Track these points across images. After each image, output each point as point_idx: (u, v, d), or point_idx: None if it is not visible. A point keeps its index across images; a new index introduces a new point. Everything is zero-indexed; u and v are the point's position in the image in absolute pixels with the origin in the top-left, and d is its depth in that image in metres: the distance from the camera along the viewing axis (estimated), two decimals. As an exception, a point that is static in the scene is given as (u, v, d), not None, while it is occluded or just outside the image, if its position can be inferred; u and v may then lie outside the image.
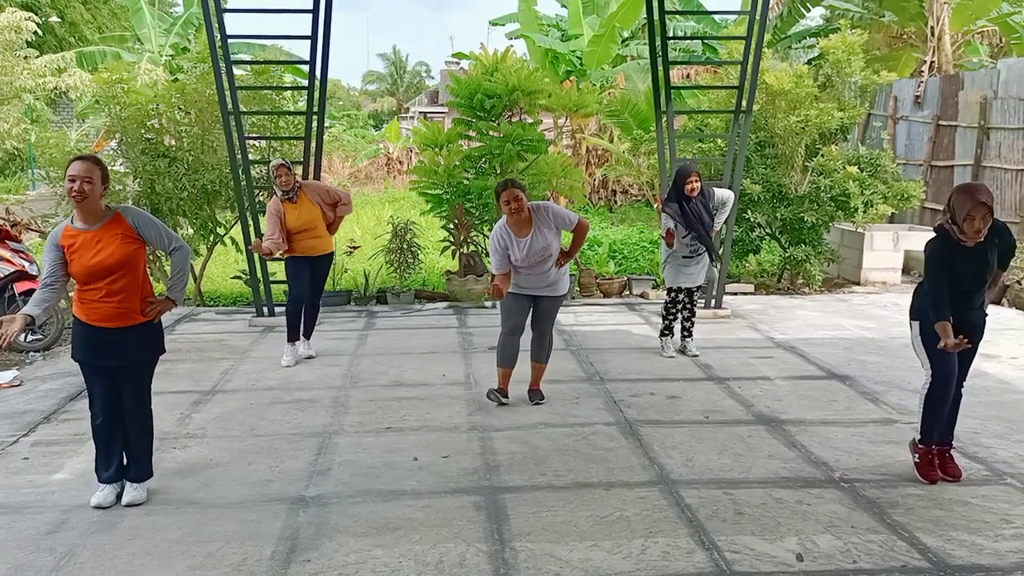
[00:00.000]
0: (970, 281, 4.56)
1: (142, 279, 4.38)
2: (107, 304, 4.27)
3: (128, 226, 4.29)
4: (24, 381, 7.01)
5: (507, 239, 5.80)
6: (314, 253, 7.29)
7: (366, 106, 57.70)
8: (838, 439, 5.42)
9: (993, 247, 4.53)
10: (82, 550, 3.97)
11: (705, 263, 7.42)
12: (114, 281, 4.25)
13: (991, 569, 3.76)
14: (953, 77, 13.12)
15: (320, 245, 7.32)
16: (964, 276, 4.53)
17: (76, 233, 4.23)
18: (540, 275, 5.92)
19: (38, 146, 10.35)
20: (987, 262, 4.55)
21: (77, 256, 4.21)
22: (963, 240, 4.46)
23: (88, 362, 4.40)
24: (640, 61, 18.91)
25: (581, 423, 5.76)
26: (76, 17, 28.70)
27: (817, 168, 10.50)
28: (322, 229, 7.30)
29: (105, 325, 4.30)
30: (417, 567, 3.79)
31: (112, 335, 4.32)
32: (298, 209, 7.13)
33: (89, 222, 4.24)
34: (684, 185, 7.10)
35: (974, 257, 4.50)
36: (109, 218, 4.27)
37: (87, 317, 4.32)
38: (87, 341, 4.35)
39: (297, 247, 7.20)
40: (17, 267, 8.08)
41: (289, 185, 7.10)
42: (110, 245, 4.22)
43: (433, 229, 12.61)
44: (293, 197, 7.13)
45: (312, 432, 5.60)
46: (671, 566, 3.79)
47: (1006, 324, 8.82)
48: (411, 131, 27.09)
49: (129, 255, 4.27)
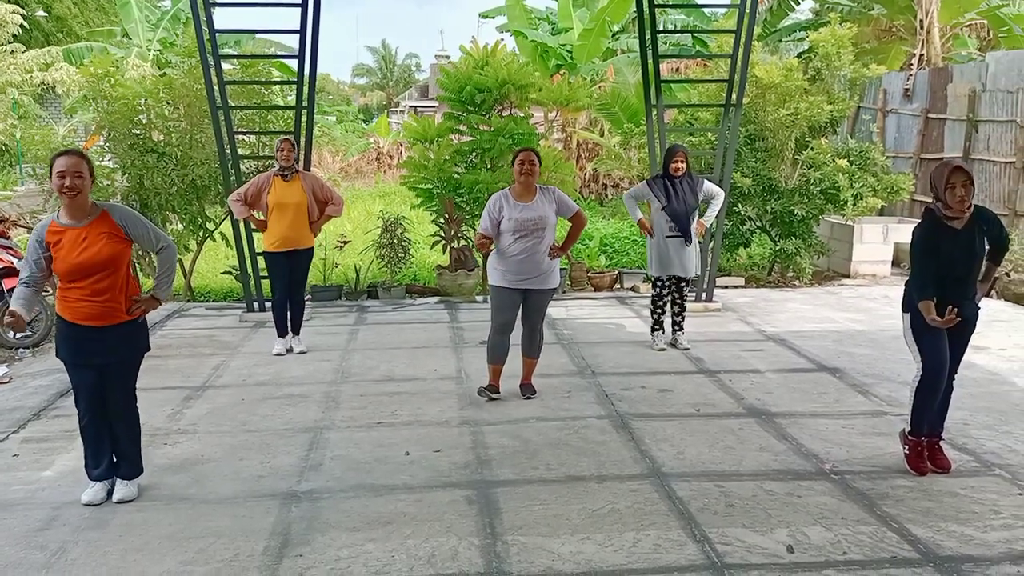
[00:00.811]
0: (960, 267, 4.55)
1: (126, 277, 4.32)
2: (91, 302, 4.21)
3: (115, 224, 4.23)
4: (13, 378, 6.97)
5: (503, 204, 5.86)
6: (290, 247, 7.20)
7: (356, 100, 57.52)
8: (828, 431, 5.45)
9: (981, 232, 4.55)
10: (73, 547, 3.96)
11: (691, 253, 7.35)
12: (99, 280, 4.19)
13: (980, 559, 3.79)
14: (942, 70, 13.17)
15: (299, 239, 7.23)
16: (953, 262, 4.53)
17: (62, 229, 4.16)
18: (532, 260, 5.82)
19: (25, 142, 10.27)
20: (975, 247, 4.55)
21: (62, 253, 4.14)
22: (949, 217, 4.49)
23: (72, 361, 4.34)
24: (630, 55, 18.92)
25: (572, 417, 5.77)
26: (63, 12, 28.50)
27: (807, 161, 10.53)
28: (303, 222, 7.21)
29: (89, 324, 4.24)
30: (409, 561, 3.80)
31: (96, 333, 4.26)
32: (287, 188, 7.12)
33: (76, 218, 4.18)
34: (669, 164, 7.20)
35: (962, 240, 4.51)
36: (96, 216, 4.21)
37: (71, 316, 4.25)
38: (71, 339, 4.29)
39: (274, 233, 7.13)
40: (5, 263, 8.03)
41: (289, 163, 7.11)
42: (96, 243, 4.16)
43: (424, 224, 12.59)
44: (287, 176, 7.14)
45: (303, 427, 5.59)
46: (662, 558, 3.81)
47: (995, 316, 8.87)
48: (401, 125, 27.03)
49: (115, 254, 4.21)
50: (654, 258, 7.39)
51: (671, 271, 7.34)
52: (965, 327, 4.65)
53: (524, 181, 5.81)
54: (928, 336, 4.63)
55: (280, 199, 7.10)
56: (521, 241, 5.80)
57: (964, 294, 4.61)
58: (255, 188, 7.19)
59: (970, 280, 4.64)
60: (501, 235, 5.89)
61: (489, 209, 5.91)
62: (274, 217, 7.13)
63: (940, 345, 4.61)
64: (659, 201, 7.22)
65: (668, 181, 7.23)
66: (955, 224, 4.50)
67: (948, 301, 4.49)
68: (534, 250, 5.83)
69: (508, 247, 5.85)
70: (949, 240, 4.51)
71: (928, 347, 4.65)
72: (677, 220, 7.19)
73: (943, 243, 4.51)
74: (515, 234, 5.80)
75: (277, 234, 7.15)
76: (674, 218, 7.19)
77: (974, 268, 4.63)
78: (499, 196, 5.94)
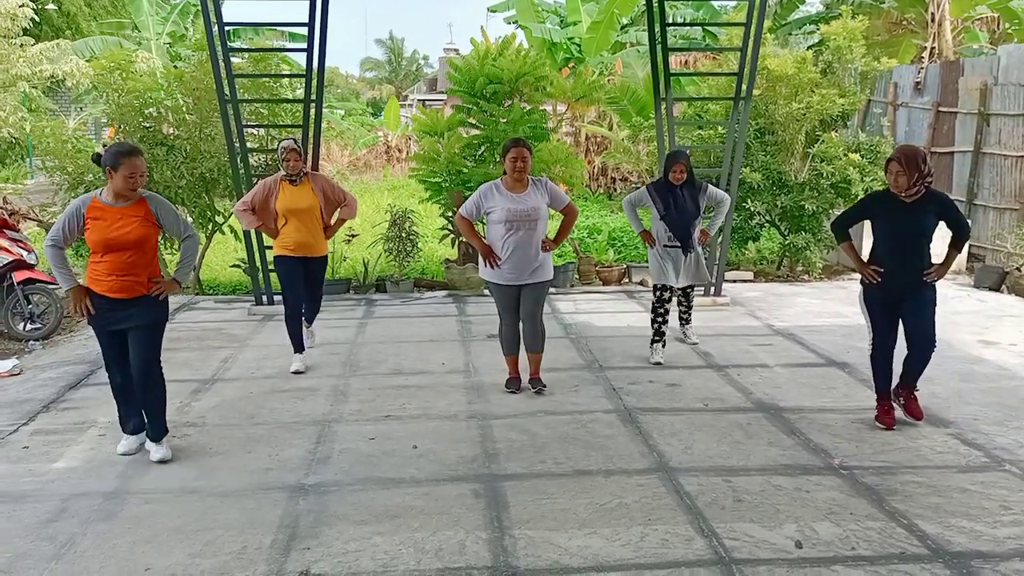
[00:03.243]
0: (908, 241, 5.10)
1: (151, 258, 4.82)
2: (118, 277, 4.69)
3: (149, 211, 4.74)
4: (24, 370, 7.01)
5: (495, 194, 5.86)
6: (305, 253, 6.72)
7: (365, 94, 57.53)
8: (837, 426, 5.43)
9: (932, 213, 5.08)
10: (82, 538, 3.98)
11: (690, 264, 6.97)
12: (128, 257, 4.67)
13: (989, 555, 3.77)
14: (953, 63, 13.07)
15: (314, 245, 6.76)
16: (901, 233, 5.11)
17: (103, 207, 4.67)
18: (525, 255, 5.82)
19: (35, 135, 10.31)
20: (922, 223, 5.08)
21: (99, 226, 4.63)
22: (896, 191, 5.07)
23: (101, 329, 4.84)
24: (639, 48, 18.85)
25: (580, 411, 5.76)
26: (74, 9, 28.54)
27: (818, 155, 10.47)
28: (316, 228, 6.74)
29: (115, 296, 4.71)
30: (417, 554, 3.80)
31: (121, 305, 4.74)
32: (297, 192, 6.67)
33: (119, 201, 4.69)
34: (669, 172, 6.85)
35: (909, 212, 5.06)
36: (135, 200, 4.72)
37: (100, 288, 4.73)
38: (99, 310, 4.76)
39: (287, 240, 6.67)
40: (16, 256, 8.06)
41: (296, 171, 6.64)
42: (130, 224, 4.65)
43: (432, 217, 12.60)
44: (296, 180, 6.67)
45: (311, 420, 5.60)
46: (670, 553, 3.80)
47: (1005, 311, 8.83)
48: (410, 118, 26.99)
49: (144, 235, 4.71)
50: (654, 266, 7.11)
51: (668, 281, 7.00)
52: (921, 303, 5.16)
53: (517, 176, 5.81)
54: (876, 309, 5.29)
55: (290, 205, 6.61)
56: (513, 234, 5.80)
57: (912, 268, 5.12)
58: (262, 194, 6.68)
59: (916, 257, 5.12)
60: (492, 226, 5.89)
61: (478, 197, 5.92)
62: (287, 223, 6.68)
63: (889, 320, 5.26)
64: (657, 209, 6.90)
65: (668, 188, 6.87)
66: (905, 198, 5.06)
67: (898, 274, 5.12)
68: (527, 244, 5.82)
69: (501, 242, 5.84)
70: (898, 211, 5.09)
71: (876, 319, 5.30)
72: (675, 230, 6.85)
73: (891, 212, 5.12)
74: (507, 225, 5.79)
75: (290, 239, 6.68)
76: (672, 227, 6.85)
77: (922, 244, 5.12)
78: (490, 186, 5.93)
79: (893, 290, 5.17)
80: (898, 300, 5.19)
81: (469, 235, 6.07)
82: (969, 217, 11.73)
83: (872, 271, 5.19)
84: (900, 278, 5.13)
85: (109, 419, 5.57)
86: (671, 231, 6.87)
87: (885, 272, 5.16)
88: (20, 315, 8.05)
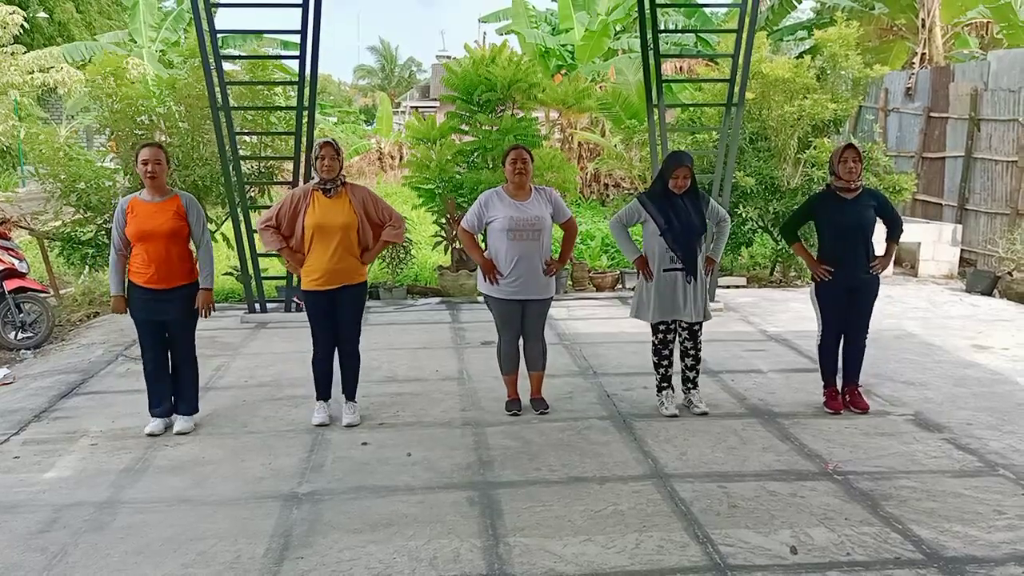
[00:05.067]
0: (851, 235, 5.52)
1: (184, 249, 5.34)
2: (155, 269, 5.21)
3: (181, 206, 5.30)
4: (15, 379, 6.97)
5: (496, 202, 5.56)
6: (337, 283, 5.43)
7: (357, 101, 57.53)
8: (831, 432, 5.43)
9: (870, 207, 5.56)
10: (74, 549, 3.95)
11: (697, 292, 5.62)
12: (163, 248, 5.20)
13: (984, 560, 3.77)
14: (944, 69, 13.14)
15: (348, 273, 5.45)
16: (845, 229, 5.53)
17: (141, 203, 5.25)
18: (529, 268, 5.50)
19: (27, 143, 10.28)
20: (863, 218, 5.53)
21: (136, 220, 5.19)
22: (841, 188, 5.52)
23: (140, 317, 5.34)
24: (631, 55, 18.90)
25: (575, 417, 5.75)
26: (65, 18, 28.49)
27: (810, 160, 10.50)
28: (352, 251, 5.43)
29: (153, 287, 5.24)
30: (411, 563, 3.78)
31: (159, 294, 5.26)
32: (331, 206, 5.36)
33: (155, 197, 5.26)
34: (670, 179, 5.52)
35: (851, 209, 5.53)
36: (169, 197, 5.30)
37: (139, 280, 5.26)
38: (139, 300, 5.30)
39: (314, 269, 5.39)
40: (7, 265, 8.02)
41: (333, 174, 5.33)
42: (163, 216, 5.21)
43: (425, 224, 12.58)
44: (331, 191, 5.37)
45: (305, 429, 5.58)
46: (665, 560, 3.80)
47: (998, 315, 8.85)
48: (403, 125, 26.99)
49: (176, 228, 5.25)
50: (650, 299, 5.63)
51: (674, 315, 5.65)
52: (865, 295, 5.65)
53: (518, 181, 5.54)
54: (828, 303, 5.67)
55: (322, 221, 5.32)
56: (517, 244, 5.47)
57: (857, 262, 5.56)
58: (289, 207, 5.39)
59: (861, 250, 5.55)
60: (494, 236, 5.59)
61: (479, 206, 5.59)
62: (314, 245, 5.37)
63: (838, 313, 5.66)
64: (656, 224, 5.57)
65: (667, 197, 5.56)
66: (846, 195, 5.52)
67: (846, 267, 5.54)
68: (532, 255, 5.50)
69: (504, 253, 5.52)
70: (840, 208, 5.54)
71: (827, 312, 5.70)
72: (679, 248, 5.51)
73: (834, 210, 5.56)
74: (510, 234, 5.48)
75: (318, 267, 5.38)
76: (676, 246, 5.51)
77: (866, 237, 5.55)
78: (491, 193, 5.62)
79: (842, 284, 5.59)
80: (846, 292, 5.61)
81: (470, 248, 5.76)
82: (961, 222, 11.79)
83: (824, 270, 5.61)
84: (848, 271, 5.56)
85: (100, 428, 5.55)
86: (673, 250, 5.53)
87: (834, 267, 5.60)
88: (11, 324, 8.01)
